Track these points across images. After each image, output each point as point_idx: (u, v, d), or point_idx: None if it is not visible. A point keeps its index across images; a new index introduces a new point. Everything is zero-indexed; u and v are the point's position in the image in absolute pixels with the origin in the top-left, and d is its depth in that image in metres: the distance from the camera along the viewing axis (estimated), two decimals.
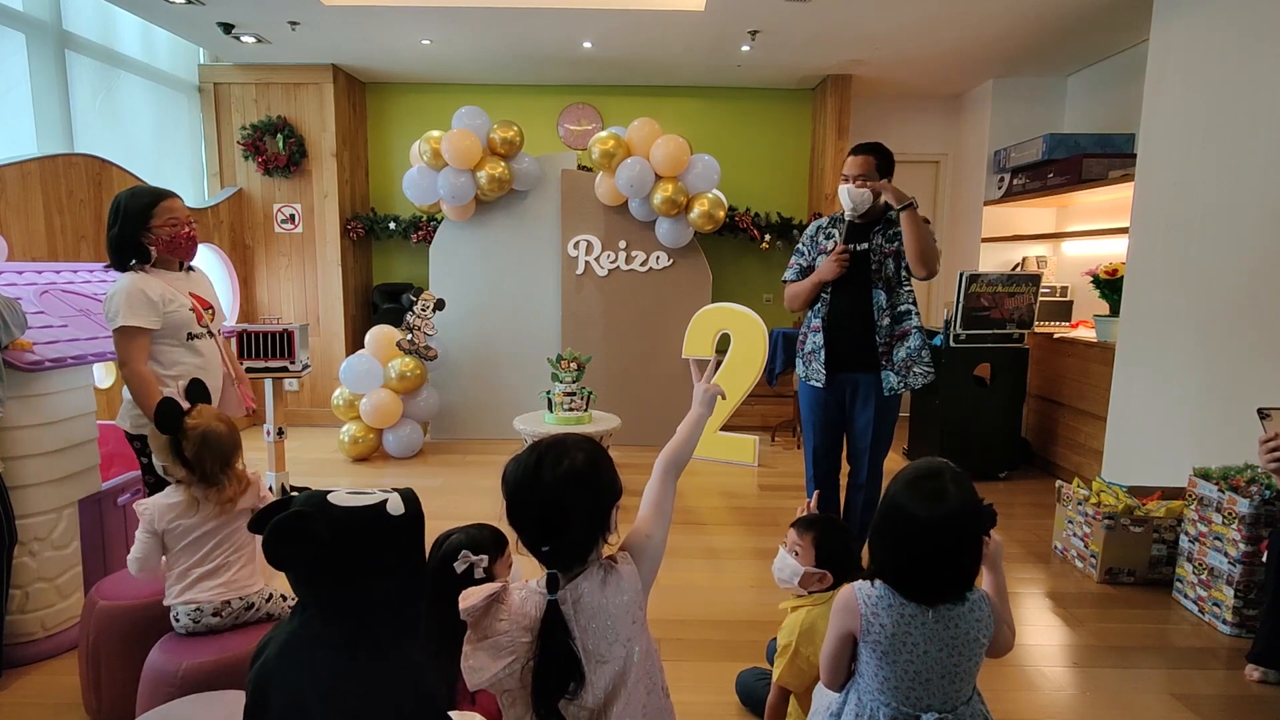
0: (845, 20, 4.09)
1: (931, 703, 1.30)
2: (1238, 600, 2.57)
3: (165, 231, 2.28)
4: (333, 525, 1.05)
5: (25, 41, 3.67)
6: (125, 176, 4.04)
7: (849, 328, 2.70)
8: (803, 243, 2.83)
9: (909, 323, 2.69)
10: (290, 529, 1.02)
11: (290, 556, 1.03)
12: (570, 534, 1.16)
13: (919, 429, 4.76)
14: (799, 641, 1.72)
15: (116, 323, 2.19)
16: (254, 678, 1.06)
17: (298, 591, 1.09)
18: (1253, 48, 2.88)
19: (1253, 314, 2.86)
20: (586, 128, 5.65)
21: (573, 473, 1.17)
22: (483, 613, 1.14)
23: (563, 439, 1.23)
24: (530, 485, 1.17)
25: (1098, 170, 4.18)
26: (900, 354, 2.67)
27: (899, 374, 2.67)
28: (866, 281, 2.67)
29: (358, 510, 1.07)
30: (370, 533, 1.07)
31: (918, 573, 1.28)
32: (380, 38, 4.55)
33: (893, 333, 2.67)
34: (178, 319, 2.29)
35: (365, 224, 5.44)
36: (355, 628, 1.06)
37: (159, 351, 2.29)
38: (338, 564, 1.05)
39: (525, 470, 1.18)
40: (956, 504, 1.25)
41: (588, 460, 1.19)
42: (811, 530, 1.82)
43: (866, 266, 2.66)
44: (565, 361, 3.72)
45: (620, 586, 1.19)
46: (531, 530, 1.17)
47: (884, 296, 2.66)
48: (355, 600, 1.05)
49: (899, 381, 2.67)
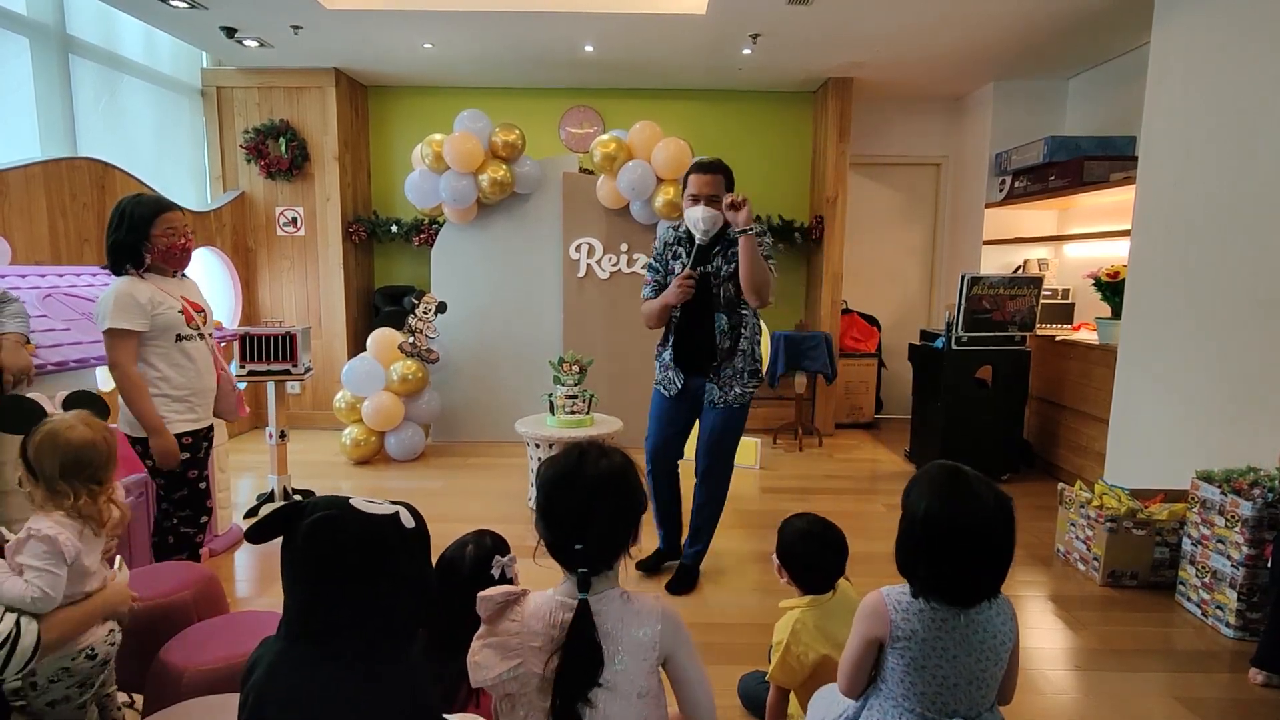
0: (846, 23, 4.10)
1: (958, 708, 1.29)
2: (1241, 603, 2.57)
3: (163, 241, 2.33)
4: (361, 529, 1.03)
5: (29, 45, 3.68)
6: (128, 180, 4.05)
7: (691, 349, 2.80)
8: (654, 259, 2.87)
9: (741, 344, 2.78)
10: (328, 528, 1.01)
11: (321, 557, 1.01)
12: (604, 531, 1.18)
13: (921, 431, 4.75)
14: (789, 640, 1.74)
15: (104, 325, 2.23)
16: (247, 698, 1.03)
17: (290, 599, 1.05)
18: (1254, 50, 2.88)
19: (1255, 316, 2.85)
20: (588, 131, 5.66)
21: (613, 470, 1.20)
22: (498, 611, 1.15)
23: (599, 443, 1.27)
24: (572, 480, 1.19)
25: (1099, 172, 4.18)
26: (726, 372, 2.78)
27: (723, 389, 2.78)
28: (709, 304, 2.74)
29: (380, 517, 1.05)
30: (391, 540, 1.05)
31: (961, 579, 1.27)
32: (382, 41, 4.56)
33: (730, 353, 2.77)
34: (166, 320, 2.33)
35: (367, 227, 5.45)
36: (355, 640, 1.03)
37: (147, 353, 2.33)
38: (357, 568, 1.02)
39: (569, 464, 1.21)
40: (991, 502, 1.25)
41: (626, 462, 1.24)
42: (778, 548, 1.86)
43: (709, 289, 2.72)
44: (567, 364, 3.71)
45: (640, 619, 1.20)
46: (566, 526, 1.18)
47: (725, 319, 2.74)
48: (360, 610, 1.03)
49: (720, 398, 2.79)
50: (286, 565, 1.03)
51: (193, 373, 2.41)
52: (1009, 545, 1.26)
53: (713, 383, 2.78)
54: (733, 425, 2.84)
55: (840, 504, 3.96)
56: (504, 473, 4.46)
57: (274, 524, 1.05)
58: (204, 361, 2.47)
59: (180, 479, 2.41)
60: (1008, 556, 1.26)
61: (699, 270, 2.70)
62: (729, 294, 2.73)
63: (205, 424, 2.49)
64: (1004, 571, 1.28)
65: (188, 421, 2.40)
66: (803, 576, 1.82)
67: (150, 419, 2.27)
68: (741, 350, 2.77)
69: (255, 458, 4.66)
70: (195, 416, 2.43)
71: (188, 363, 2.40)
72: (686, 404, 2.87)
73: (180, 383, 2.38)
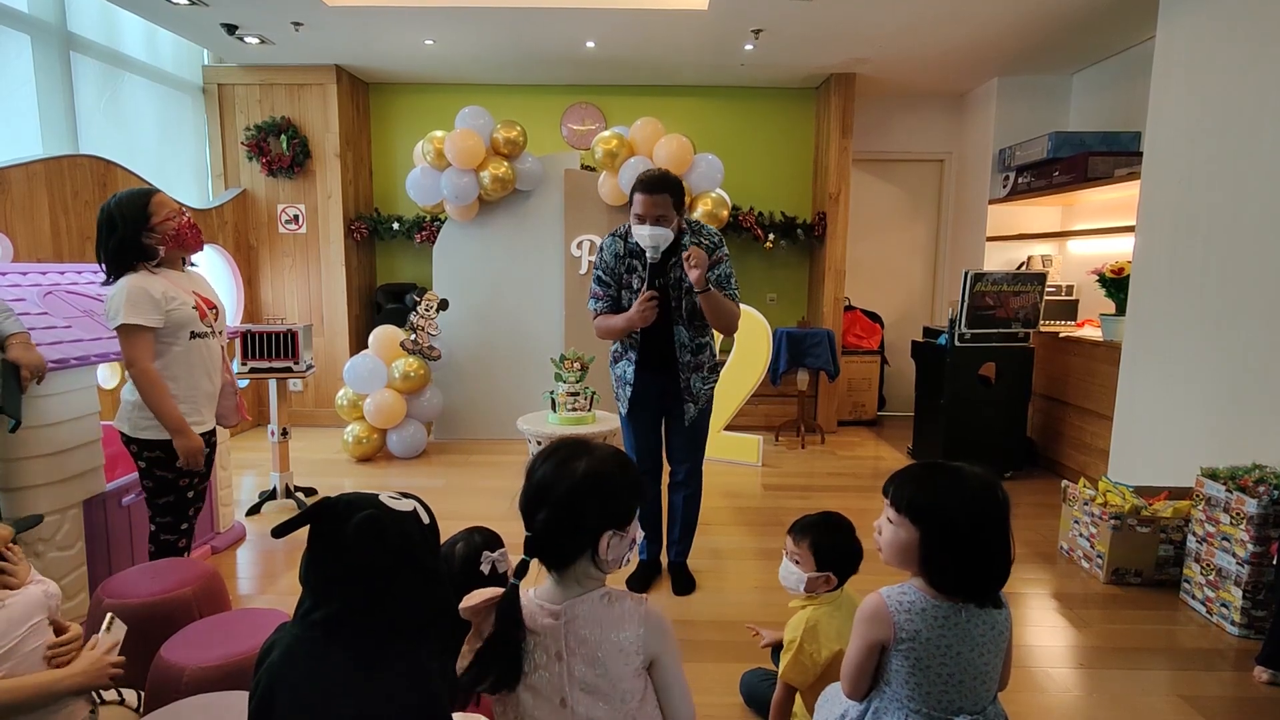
0: (849, 18, 4.08)
1: (963, 705, 1.29)
2: (1245, 601, 2.55)
3: (169, 226, 2.21)
4: (400, 527, 1.08)
5: (30, 43, 3.68)
6: (129, 177, 4.05)
7: (654, 364, 2.74)
8: (602, 271, 2.72)
9: (702, 356, 2.75)
10: (375, 527, 1.04)
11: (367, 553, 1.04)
12: (552, 521, 1.14)
13: (923, 429, 4.74)
14: (804, 638, 1.72)
15: (117, 321, 2.11)
16: (260, 681, 1.06)
17: (316, 593, 1.07)
18: (1260, 44, 2.86)
19: (1260, 312, 2.84)
20: (589, 127, 5.65)
21: (595, 467, 1.16)
22: (483, 615, 1.14)
23: (586, 441, 1.24)
24: (532, 469, 1.19)
25: (1103, 168, 4.16)
26: (696, 384, 2.75)
27: (692, 398, 2.76)
28: (668, 319, 2.68)
29: (408, 514, 1.10)
30: (415, 536, 1.10)
31: (986, 574, 1.28)
32: (383, 38, 4.55)
33: (690, 368, 2.73)
34: (180, 316, 2.22)
35: (369, 224, 5.45)
36: (368, 631, 1.06)
37: (161, 350, 2.22)
38: (393, 565, 1.06)
39: (556, 449, 1.20)
40: (1000, 495, 1.27)
41: (614, 464, 1.18)
42: (808, 535, 1.81)
43: (666, 303, 2.65)
44: (569, 362, 3.71)
45: (621, 622, 1.16)
46: (529, 501, 1.17)
47: (685, 333, 2.69)
48: (376, 603, 1.05)
49: (696, 411, 2.78)
50: (319, 558, 1.06)
51: (202, 373, 2.31)
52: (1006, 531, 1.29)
53: (689, 401, 2.75)
54: (705, 424, 2.86)
55: (842, 501, 3.95)
56: (506, 470, 4.45)
57: (305, 521, 1.07)
58: (214, 361, 2.37)
59: (170, 485, 2.29)
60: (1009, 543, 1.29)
61: (658, 282, 2.60)
62: (689, 307, 2.65)
63: (208, 427, 2.38)
64: (1010, 559, 1.29)
65: (191, 425, 2.27)
66: (839, 564, 1.78)
67: (173, 418, 2.18)
68: (702, 361, 2.75)
69: (257, 455, 4.67)
70: (199, 420, 2.32)
71: (199, 362, 2.30)
72: (654, 407, 2.81)
73: (189, 383, 2.28)
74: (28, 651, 1.42)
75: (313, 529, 1.07)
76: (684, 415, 2.77)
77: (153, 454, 2.26)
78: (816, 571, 1.78)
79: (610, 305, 2.73)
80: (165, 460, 2.26)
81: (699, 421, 2.82)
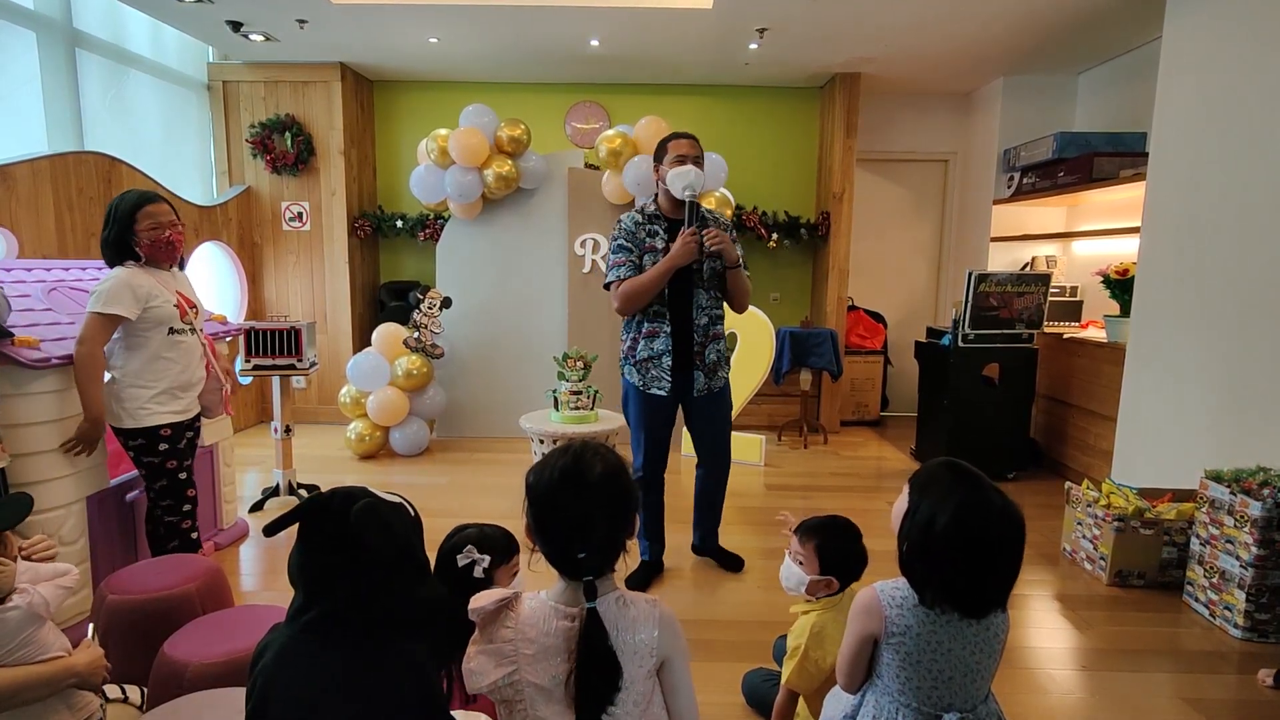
0: (854, 17, 4.07)
1: (953, 702, 1.29)
2: (1249, 604, 2.55)
3: (147, 235, 2.38)
4: (395, 517, 1.09)
5: (36, 40, 3.68)
6: (134, 174, 4.06)
7: (680, 329, 2.69)
8: (624, 239, 2.70)
9: (719, 326, 2.75)
10: (374, 514, 1.05)
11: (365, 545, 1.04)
12: (606, 537, 1.13)
13: (927, 429, 4.73)
14: (809, 644, 1.71)
15: (94, 307, 2.28)
16: (255, 682, 1.05)
17: (310, 591, 1.07)
18: (1267, 44, 2.85)
19: (1265, 314, 2.82)
20: (594, 126, 5.64)
21: (609, 472, 1.14)
22: (491, 617, 1.13)
23: (590, 443, 1.19)
24: (569, 488, 1.12)
25: (1109, 169, 4.14)
26: (711, 356, 2.71)
27: (708, 376, 2.72)
28: (688, 280, 2.66)
29: (399, 505, 1.11)
30: (408, 526, 1.11)
31: (973, 591, 1.23)
32: (388, 36, 4.56)
33: (708, 333, 2.70)
34: (161, 313, 2.40)
35: (372, 222, 5.45)
36: (364, 629, 1.05)
37: (141, 343, 2.40)
38: (393, 557, 1.06)
39: (566, 473, 1.13)
40: (1005, 514, 1.21)
41: (618, 461, 1.17)
42: (814, 537, 1.79)
43: (687, 268, 2.64)
44: (572, 360, 3.71)
45: (637, 624, 1.15)
46: (567, 536, 1.12)
47: (704, 295, 2.69)
48: (374, 598, 1.05)
49: (704, 384, 2.72)
50: (315, 554, 1.05)
51: (180, 366, 2.49)
52: (1020, 558, 1.23)
53: (699, 370, 2.70)
54: (728, 409, 2.85)
55: (845, 502, 3.95)
56: (508, 468, 4.46)
57: (297, 518, 1.06)
58: (194, 355, 2.56)
59: (159, 469, 2.47)
60: (1017, 568, 1.24)
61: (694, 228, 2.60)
62: (709, 272, 2.66)
63: (189, 415, 2.55)
64: (1013, 583, 1.25)
65: (170, 414, 2.47)
66: (843, 569, 1.76)
67: (94, 403, 2.30)
68: (719, 332, 2.73)
69: (260, 452, 4.68)
70: (179, 408, 2.50)
71: (178, 356, 2.48)
72: (673, 400, 2.75)
73: (168, 375, 2.46)
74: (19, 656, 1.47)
75: (305, 526, 1.06)
76: (710, 392, 2.74)
77: (136, 442, 2.44)
78: (819, 574, 1.77)
79: (634, 270, 2.69)
80: (149, 447, 2.44)
81: (722, 403, 2.81)
